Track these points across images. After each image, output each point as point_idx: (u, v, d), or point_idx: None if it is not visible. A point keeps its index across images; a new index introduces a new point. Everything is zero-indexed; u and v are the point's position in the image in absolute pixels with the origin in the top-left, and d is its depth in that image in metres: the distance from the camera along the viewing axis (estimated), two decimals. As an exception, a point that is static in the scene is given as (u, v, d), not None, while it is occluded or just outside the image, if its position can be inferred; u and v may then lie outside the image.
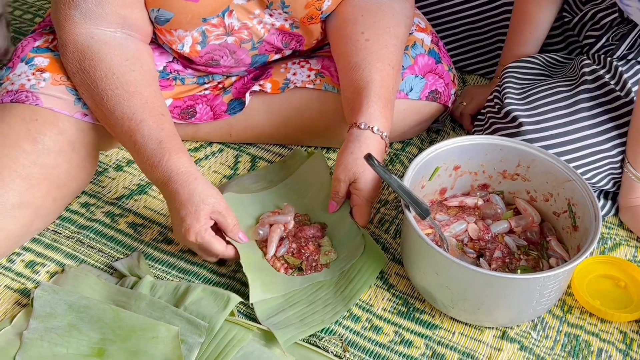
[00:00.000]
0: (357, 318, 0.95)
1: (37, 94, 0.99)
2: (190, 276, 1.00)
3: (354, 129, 0.99)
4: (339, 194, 1.00)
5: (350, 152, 0.98)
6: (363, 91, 1.00)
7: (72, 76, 1.00)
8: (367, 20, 1.06)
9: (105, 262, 1.01)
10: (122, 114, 0.95)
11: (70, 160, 1.00)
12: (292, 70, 1.16)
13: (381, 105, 1.00)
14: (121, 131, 0.96)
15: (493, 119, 1.14)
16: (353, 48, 1.05)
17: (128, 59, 0.97)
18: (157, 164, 0.93)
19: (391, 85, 1.02)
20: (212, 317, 0.91)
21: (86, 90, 0.98)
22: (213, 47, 1.08)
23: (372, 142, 0.98)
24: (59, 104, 0.99)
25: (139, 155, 0.95)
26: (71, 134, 0.99)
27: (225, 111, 1.15)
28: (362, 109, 0.99)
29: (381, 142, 1.00)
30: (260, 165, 1.19)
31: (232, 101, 1.16)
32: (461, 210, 1.06)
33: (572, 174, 0.97)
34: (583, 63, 1.13)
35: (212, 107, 1.16)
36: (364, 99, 1.00)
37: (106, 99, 0.95)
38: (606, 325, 0.96)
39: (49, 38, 1.06)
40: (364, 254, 0.98)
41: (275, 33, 1.09)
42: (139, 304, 0.92)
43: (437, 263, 0.89)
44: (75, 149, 1.00)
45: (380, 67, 1.02)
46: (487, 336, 0.94)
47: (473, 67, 1.43)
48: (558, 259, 0.99)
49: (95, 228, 1.06)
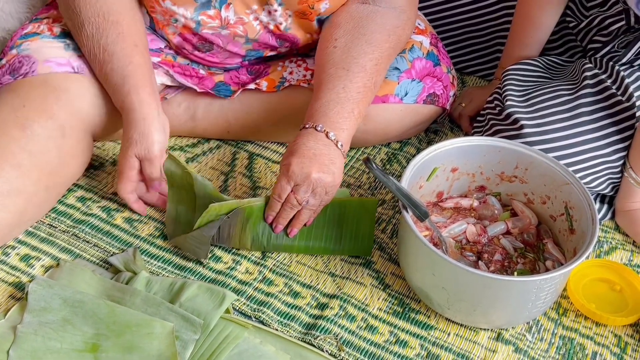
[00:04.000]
0: (353, 317, 0.95)
1: (29, 55, 1.02)
2: (186, 273, 0.99)
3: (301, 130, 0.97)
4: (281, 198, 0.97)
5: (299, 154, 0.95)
6: (314, 94, 1.01)
7: (59, 3, 1.03)
8: (348, 26, 1.04)
9: (101, 257, 1.01)
10: (98, 44, 0.99)
11: (61, 146, 0.99)
12: (289, 69, 1.16)
13: (324, 107, 0.97)
14: (95, 61, 1.01)
15: (493, 121, 1.13)
16: (320, 53, 1.05)
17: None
18: (119, 97, 0.99)
19: (341, 92, 0.98)
20: (208, 314, 0.90)
21: (70, 17, 1.02)
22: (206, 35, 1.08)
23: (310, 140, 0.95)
24: (52, 53, 1.02)
25: (108, 88, 1.01)
26: (60, 118, 0.99)
27: (211, 88, 1.15)
28: (308, 111, 0.99)
29: (328, 142, 0.95)
30: (257, 163, 1.19)
31: (221, 82, 1.16)
32: (456, 212, 1.06)
33: (570, 177, 0.98)
34: (585, 67, 1.13)
35: (200, 79, 1.16)
36: (313, 102, 0.99)
37: (87, 26, 0.99)
38: (601, 328, 0.97)
39: (36, 25, 1.08)
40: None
41: (270, 33, 1.09)
42: (134, 300, 0.92)
43: (434, 264, 0.89)
44: (65, 134, 0.99)
45: (333, 72, 1.00)
46: (482, 337, 0.94)
47: (472, 69, 1.43)
48: (554, 262, 0.99)
49: (91, 222, 1.06)
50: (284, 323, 0.94)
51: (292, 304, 0.96)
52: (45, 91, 0.99)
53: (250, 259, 1.02)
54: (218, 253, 1.02)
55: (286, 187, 0.94)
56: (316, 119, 0.96)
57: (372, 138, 1.18)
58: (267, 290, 0.98)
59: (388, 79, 1.11)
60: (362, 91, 0.99)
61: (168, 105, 1.16)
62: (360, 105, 0.99)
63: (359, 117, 0.99)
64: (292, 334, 0.92)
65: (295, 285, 0.99)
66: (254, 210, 0.98)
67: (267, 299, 0.97)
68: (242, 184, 1.15)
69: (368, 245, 1.03)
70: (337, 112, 0.96)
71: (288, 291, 0.98)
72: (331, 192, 0.95)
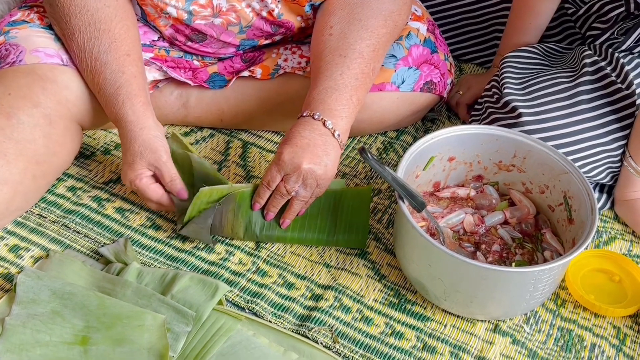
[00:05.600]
0: (348, 309, 0.94)
1: (17, 43, 0.99)
2: (178, 263, 0.98)
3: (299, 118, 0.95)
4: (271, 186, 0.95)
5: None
6: (312, 83, 0.98)
7: (48, 9, 1.00)
8: (342, 12, 1.01)
9: (91, 247, 0.99)
10: (90, 53, 0.96)
11: (48, 134, 0.97)
12: (284, 56, 1.13)
13: (322, 94, 0.95)
14: (87, 70, 0.97)
15: (491, 109, 1.12)
16: (315, 42, 1.02)
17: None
18: (112, 108, 0.95)
19: (339, 79, 0.95)
20: (200, 306, 0.89)
21: (59, 25, 0.99)
22: (199, 26, 1.05)
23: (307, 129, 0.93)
24: (41, 43, 0.99)
25: (101, 98, 0.98)
26: (46, 106, 0.97)
27: (205, 80, 1.13)
28: (306, 99, 0.96)
29: (324, 131, 0.93)
30: (251, 152, 1.17)
31: (215, 74, 1.14)
32: (453, 202, 1.04)
33: (569, 166, 0.96)
34: (584, 54, 1.11)
35: (194, 71, 1.14)
36: (310, 90, 0.97)
37: (78, 35, 0.96)
38: (600, 320, 0.95)
39: (25, 12, 1.05)
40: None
41: (263, 20, 1.06)
42: (125, 292, 0.90)
43: (431, 255, 0.87)
44: (52, 122, 0.97)
45: (330, 60, 0.97)
46: (479, 329, 0.93)
47: (470, 56, 1.41)
48: (553, 252, 0.97)
49: (81, 212, 1.04)
50: (278, 315, 0.92)
51: (286, 295, 0.95)
52: (31, 80, 0.96)
53: (244, 249, 1.00)
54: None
55: (276, 176, 0.92)
56: (313, 106, 0.94)
57: (368, 127, 1.17)
58: (260, 281, 0.96)
59: (384, 67, 1.09)
60: (360, 77, 0.97)
61: (160, 93, 1.14)
62: (359, 92, 0.97)
63: (357, 105, 0.97)
64: (286, 325, 0.91)
65: (290, 277, 0.97)
66: (245, 197, 0.97)
67: (260, 290, 0.95)
68: (236, 173, 1.13)
69: (363, 236, 1.01)
70: (335, 99, 0.94)
71: (282, 282, 0.97)
72: (323, 184, 0.93)
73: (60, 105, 0.98)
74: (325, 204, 1.01)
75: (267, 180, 0.93)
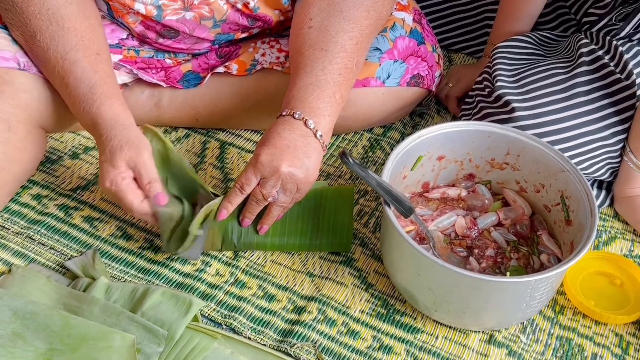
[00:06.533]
0: (333, 322, 0.88)
1: None
2: (150, 276, 0.91)
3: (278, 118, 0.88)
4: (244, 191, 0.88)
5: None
6: (291, 80, 0.91)
7: (3, 14, 0.92)
8: (322, 3, 0.94)
9: (57, 260, 0.93)
10: (55, 53, 0.88)
11: (6, 140, 0.90)
12: (261, 50, 1.06)
13: (302, 91, 0.88)
14: (54, 72, 0.89)
15: (483, 103, 1.05)
16: (294, 35, 0.95)
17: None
18: (87, 109, 0.87)
19: (320, 74, 0.89)
20: (172, 324, 0.83)
21: (18, 28, 0.91)
22: (170, 22, 0.98)
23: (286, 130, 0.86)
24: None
25: (71, 99, 0.89)
26: (4, 111, 0.90)
27: (178, 80, 1.06)
28: (286, 97, 0.89)
29: (305, 130, 0.86)
30: (230, 153, 1.10)
31: (189, 72, 1.07)
32: (443, 203, 0.98)
33: (566, 163, 0.90)
34: (580, 42, 1.04)
35: (166, 71, 1.07)
36: (290, 87, 0.90)
37: (40, 36, 0.88)
38: (601, 327, 0.90)
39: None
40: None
41: (238, 12, 0.99)
42: (92, 309, 0.84)
43: (419, 264, 0.81)
44: (11, 128, 0.90)
45: (310, 54, 0.90)
46: (472, 340, 0.87)
47: (460, 46, 1.34)
48: (550, 255, 0.91)
49: (47, 223, 0.97)
50: (258, 330, 0.86)
51: (266, 308, 0.89)
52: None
53: (221, 259, 0.94)
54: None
55: (251, 179, 0.85)
56: (294, 105, 0.87)
57: (352, 124, 1.10)
58: (239, 293, 0.90)
59: (368, 61, 1.03)
60: (343, 73, 0.90)
61: (130, 92, 1.07)
62: (342, 88, 0.90)
63: (341, 102, 0.90)
64: (266, 342, 0.85)
65: (270, 288, 0.91)
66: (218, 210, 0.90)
67: (239, 304, 0.89)
68: (213, 176, 1.06)
69: (347, 239, 0.95)
70: (317, 96, 0.87)
71: (262, 294, 0.90)
72: (304, 188, 0.87)
73: (19, 109, 0.91)
74: (306, 205, 0.94)
75: (240, 183, 0.86)
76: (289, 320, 0.88)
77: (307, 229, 0.95)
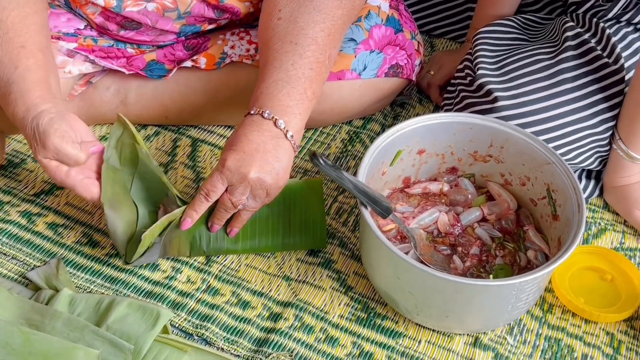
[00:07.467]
0: (310, 329, 0.83)
1: None
2: (118, 285, 0.87)
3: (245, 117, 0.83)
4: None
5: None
6: (260, 75, 0.85)
7: None
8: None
9: (19, 271, 0.88)
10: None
11: None
12: (231, 43, 1.01)
13: (271, 88, 0.83)
14: None
15: (465, 93, 1.00)
16: (262, 28, 0.89)
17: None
18: (8, 110, 0.81)
19: (291, 69, 0.83)
20: (140, 337, 0.78)
21: None
22: (130, 14, 0.92)
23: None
24: None
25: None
26: None
27: (142, 69, 1.00)
28: (254, 94, 0.84)
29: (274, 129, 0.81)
30: (202, 150, 1.05)
31: (153, 61, 1.01)
32: (424, 199, 0.93)
33: (552, 155, 0.85)
34: (565, 26, 0.99)
35: (128, 59, 1.01)
36: (258, 83, 0.84)
37: None
38: (591, 325, 0.86)
39: None
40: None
41: (204, 3, 0.94)
42: (54, 324, 0.79)
43: (398, 267, 0.77)
44: None
45: (279, 48, 0.85)
46: (457, 344, 0.83)
47: (441, 30, 1.29)
48: (537, 252, 0.87)
49: (8, 231, 0.92)
50: (231, 340, 0.82)
51: (240, 316, 0.84)
52: None
53: (193, 265, 0.90)
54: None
55: (218, 186, 0.80)
56: (262, 103, 0.82)
57: (329, 118, 1.05)
58: (211, 301, 0.86)
59: (343, 52, 0.98)
60: (315, 67, 0.84)
61: (95, 89, 1.02)
62: (314, 84, 0.84)
63: (313, 99, 0.84)
64: (240, 352, 0.81)
65: (245, 294, 0.87)
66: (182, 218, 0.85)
67: (211, 312, 0.85)
68: (184, 176, 1.01)
69: (321, 234, 0.91)
70: (287, 93, 0.82)
71: (236, 301, 0.86)
72: (273, 193, 0.82)
73: None
74: (275, 203, 0.88)
75: (206, 189, 0.81)
76: (264, 328, 0.83)
77: (279, 227, 0.90)
